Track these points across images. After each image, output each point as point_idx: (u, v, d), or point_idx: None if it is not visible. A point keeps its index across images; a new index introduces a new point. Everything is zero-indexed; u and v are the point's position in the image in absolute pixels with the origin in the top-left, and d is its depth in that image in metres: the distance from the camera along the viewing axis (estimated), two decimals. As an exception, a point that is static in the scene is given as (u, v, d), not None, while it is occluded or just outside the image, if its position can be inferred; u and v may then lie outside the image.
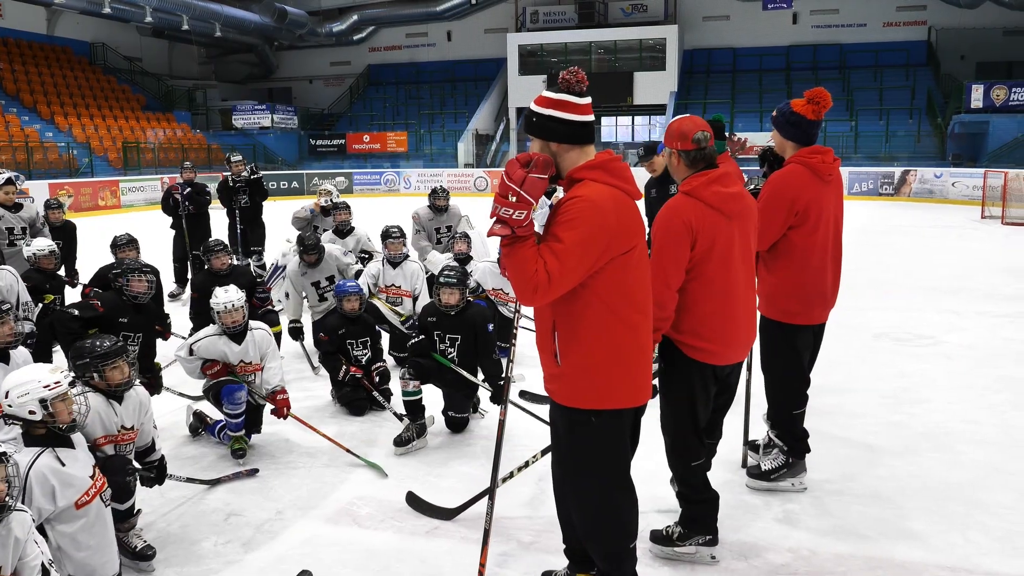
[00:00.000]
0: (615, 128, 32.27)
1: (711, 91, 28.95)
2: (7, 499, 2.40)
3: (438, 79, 32.51)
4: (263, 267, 8.81)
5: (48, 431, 2.83)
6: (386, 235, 6.18)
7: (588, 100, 2.42)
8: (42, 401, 2.76)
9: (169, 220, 8.82)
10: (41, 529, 2.75)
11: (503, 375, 4.50)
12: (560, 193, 7.46)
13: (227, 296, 4.37)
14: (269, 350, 4.53)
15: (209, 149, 27.51)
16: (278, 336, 5.81)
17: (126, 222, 15.51)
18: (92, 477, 2.89)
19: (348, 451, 4.35)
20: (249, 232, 8.61)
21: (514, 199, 2.33)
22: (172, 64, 32.82)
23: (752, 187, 3.90)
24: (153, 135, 26.46)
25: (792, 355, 3.71)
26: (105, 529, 2.94)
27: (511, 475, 3.61)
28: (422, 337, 4.64)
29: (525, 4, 31.01)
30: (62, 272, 6.56)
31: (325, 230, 8.21)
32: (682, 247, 2.86)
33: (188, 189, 8.62)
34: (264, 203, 8.83)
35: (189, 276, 8.46)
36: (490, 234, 2.40)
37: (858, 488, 3.92)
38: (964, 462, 4.20)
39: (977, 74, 25.66)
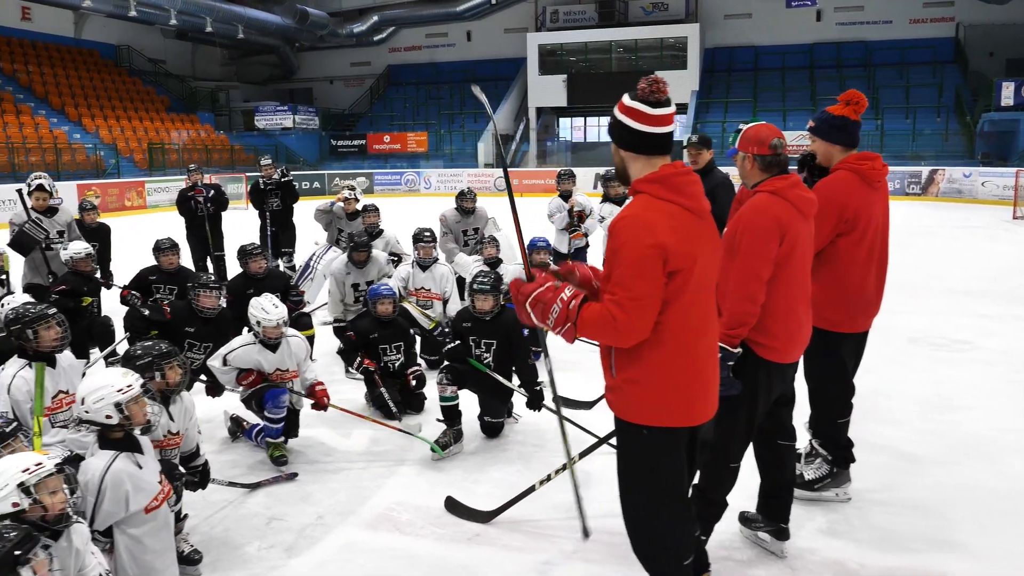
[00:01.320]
0: (636, 127, 32.12)
1: (733, 90, 28.78)
2: (68, 509, 2.42)
3: (458, 79, 32.50)
4: (293, 268, 8.86)
5: (125, 434, 2.85)
6: (418, 238, 6.20)
7: (665, 111, 2.36)
8: (117, 405, 2.80)
9: (180, 223, 8.80)
10: (108, 532, 2.78)
11: (538, 380, 4.55)
12: (578, 197, 7.46)
13: (276, 313, 4.38)
14: (304, 356, 4.56)
15: (232, 150, 27.75)
16: (310, 339, 5.87)
17: (152, 222, 15.72)
18: (160, 483, 2.93)
19: (401, 430, 4.46)
20: (280, 234, 8.66)
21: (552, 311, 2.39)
22: (195, 66, 33.14)
23: None
24: (177, 136, 26.75)
25: (836, 364, 3.68)
26: (168, 534, 2.99)
27: (548, 478, 3.60)
28: (458, 342, 4.64)
29: (545, 3, 30.97)
30: (99, 274, 6.63)
31: (350, 233, 8.25)
32: (773, 242, 2.92)
33: (212, 191, 8.68)
34: (295, 205, 8.87)
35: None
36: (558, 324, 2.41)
37: (901, 498, 3.87)
38: (1008, 472, 4.14)
39: (1007, 71, 25.28)
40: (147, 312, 4.78)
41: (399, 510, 3.81)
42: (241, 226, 10.63)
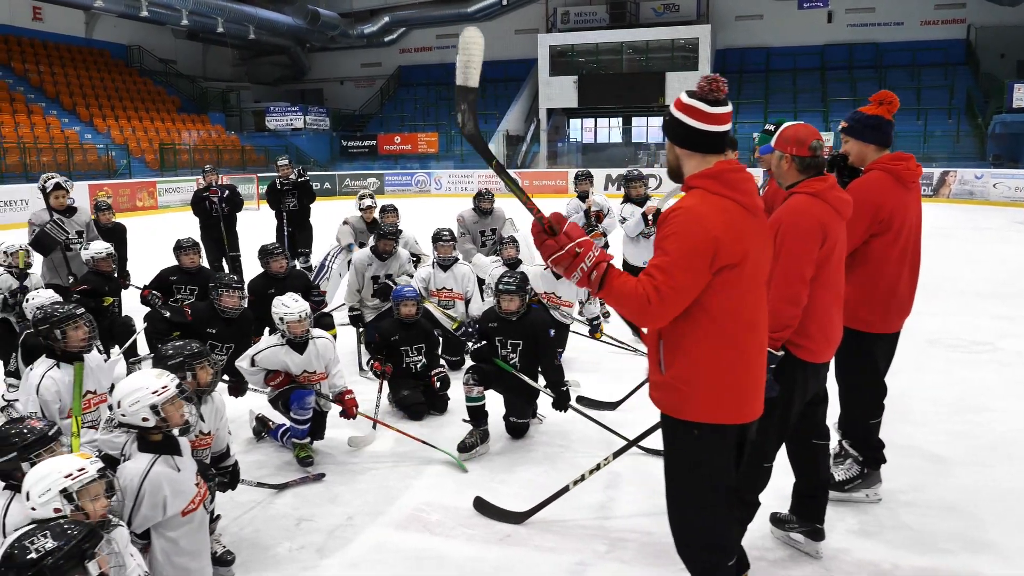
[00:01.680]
0: (646, 128, 32.08)
1: (744, 91, 28.73)
2: (108, 516, 2.43)
3: (465, 80, 32.52)
4: (310, 269, 8.86)
5: (164, 436, 2.86)
6: (437, 238, 6.21)
7: (723, 109, 2.37)
8: (153, 407, 2.80)
9: (195, 222, 8.80)
10: (145, 533, 2.79)
11: (565, 380, 4.55)
12: (595, 197, 7.42)
13: (298, 306, 4.39)
14: (332, 358, 4.56)
15: (243, 150, 27.84)
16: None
17: (164, 223, 15.78)
18: (197, 485, 2.93)
19: (427, 443, 4.42)
20: (297, 234, 8.67)
21: (576, 249, 2.32)
22: (206, 66, 33.29)
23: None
24: (188, 136, 26.83)
25: (869, 364, 3.67)
26: (204, 535, 2.99)
27: (582, 478, 3.59)
28: (484, 343, 4.64)
29: (556, 4, 30.98)
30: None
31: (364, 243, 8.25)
32: (815, 244, 2.93)
33: (227, 192, 8.69)
34: (312, 206, 8.88)
35: None
36: (581, 284, 2.36)
37: (931, 499, 3.86)
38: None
39: (1018, 73, 25.19)
40: (168, 314, 4.79)
41: (428, 510, 3.81)
42: (257, 226, 10.68)
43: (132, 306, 6.54)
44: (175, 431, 2.89)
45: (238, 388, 4.64)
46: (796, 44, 28.88)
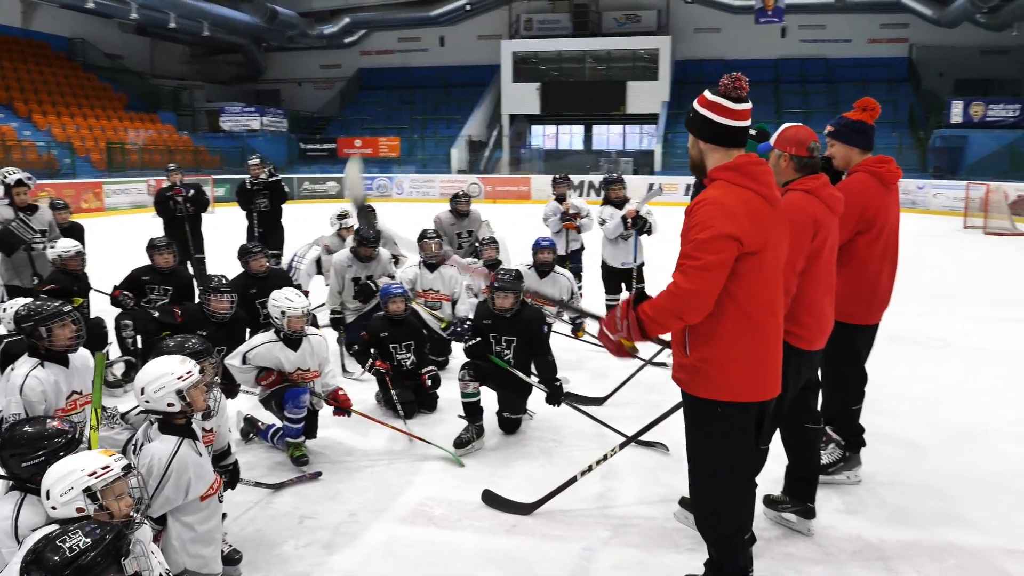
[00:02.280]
0: (607, 136, 32.44)
1: (702, 102, 29.19)
2: (133, 514, 2.39)
3: (431, 84, 32.52)
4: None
5: (187, 421, 2.84)
6: (422, 236, 6.25)
7: (745, 106, 2.53)
8: (179, 392, 2.78)
9: (148, 224, 8.64)
10: (161, 519, 2.77)
11: (558, 376, 4.63)
12: (573, 200, 7.54)
13: (301, 301, 4.39)
14: (325, 356, 4.55)
15: (196, 151, 27.25)
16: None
17: (112, 225, 15.34)
18: (214, 472, 2.92)
19: (423, 440, 4.47)
20: (268, 236, 8.55)
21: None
22: (154, 63, 32.27)
23: None
24: (137, 136, 26.05)
25: (853, 354, 3.87)
26: (218, 524, 2.99)
27: (590, 468, 3.66)
28: (478, 339, 4.69)
29: (519, 11, 31.14)
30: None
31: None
32: (806, 237, 3.08)
33: (192, 191, 8.56)
34: (284, 206, 8.79)
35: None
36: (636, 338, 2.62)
37: (908, 481, 4.08)
38: (1000, 456, 4.40)
39: (955, 91, 26.24)
40: (157, 314, 4.72)
41: (431, 505, 3.85)
42: (222, 228, 10.55)
43: (101, 307, 6.38)
44: (198, 416, 2.89)
45: (230, 390, 4.58)
46: (752, 57, 29.48)
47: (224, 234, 10.33)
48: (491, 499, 3.80)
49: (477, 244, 7.81)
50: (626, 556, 3.35)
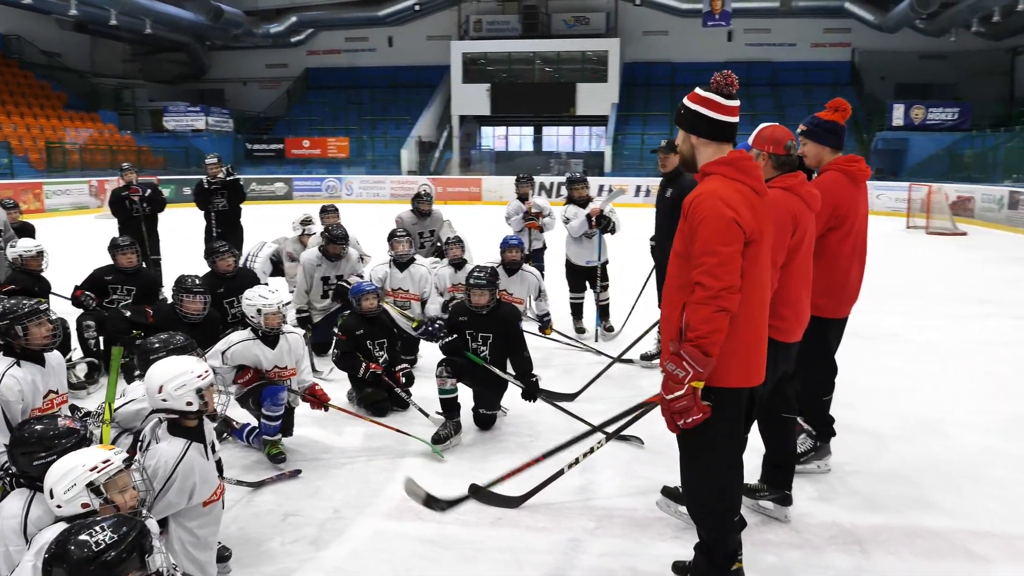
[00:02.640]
0: (557, 138, 32.65)
1: (651, 104, 29.66)
2: (138, 507, 2.37)
3: (379, 84, 32.33)
4: (240, 270, 8.66)
5: (200, 423, 2.80)
6: (392, 235, 6.24)
7: (735, 103, 2.63)
8: (199, 391, 2.74)
9: (92, 225, 8.46)
10: (161, 524, 2.73)
11: (533, 372, 4.68)
12: (535, 199, 7.60)
13: (275, 297, 4.35)
14: (302, 353, 4.53)
15: (140, 152, 26.59)
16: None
17: (52, 227, 14.84)
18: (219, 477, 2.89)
19: (405, 433, 4.48)
20: (226, 236, 8.41)
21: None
22: (94, 61, 31.38)
23: None
24: (77, 135, 25.35)
25: (823, 346, 3.98)
26: (217, 529, 2.96)
27: (576, 461, 3.67)
28: (455, 336, 4.71)
29: (469, 12, 31.16)
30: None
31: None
32: (787, 233, 3.18)
33: (149, 191, 8.40)
34: (242, 206, 8.68)
35: None
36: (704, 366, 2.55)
37: (875, 469, 4.23)
38: (959, 444, 4.59)
39: (896, 94, 27.12)
40: (128, 314, 4.64)
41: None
42: (179, 228, 10.36)
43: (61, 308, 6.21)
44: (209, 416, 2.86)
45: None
46: (699, 60, 29.99)
47: (180, 235, 10.16)
48: (478, 493, 3.82)
49: (439, 244, 7.83)
50: (612, 545, 3.41)
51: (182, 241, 9.62)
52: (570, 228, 7.03)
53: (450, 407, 4.58)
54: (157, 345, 3.29)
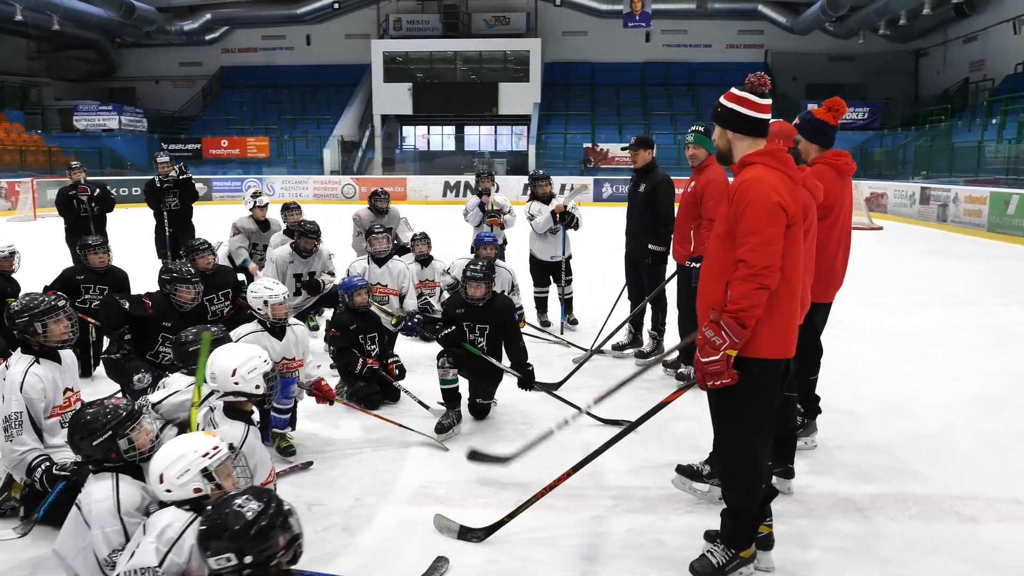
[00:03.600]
0: (479, 137, 32.78)
1: (572, 103, 30.15)
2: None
3: (297, 83, 31.80)
4: (193, 271, 8.47)
5: (261, 403, 2.84)
6: (370, 231, 6.26)
7: (768, 102, 2.84)
8: (266, 375, 2.77)
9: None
10: None
11: (528, 361, 4.82)
12: (496, 197, 7.69)
13: (280, 288, 4.35)
14: (308, 345, 4.54)
15: (50, 152, 25.41)
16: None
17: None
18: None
19: (408, 428, 4.53)
20: (178, 235, 8.25)
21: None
22: (-5, 58, 29.94)
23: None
24: (-22, 135, 24.10)
25: (811, 329, 4.22)
26: None
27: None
28: (453, 328, 4.79)
29: (388, 11, 30.96)
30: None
31: (265, 245, 8.04)
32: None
33: (97, 190, 8.17)
34: (194, 205, 8.50)
35: None
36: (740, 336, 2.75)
37: (856, 444, 4.53)
38: (928, 420, 4.95)
39: (807, 94, 28.33)
40: (127, 305, 4.55)
41: (432, 486, 3.93)
42: (128, 228, 10.05)
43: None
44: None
45: None
46: (618, 60, 30.72)
47: (132, 234, 9.86)
48: (475, 456, 3.92)
49: (396, 241, 7.86)
50: (636, 520, 3.57)
51: (128, 242, 9.32)
52: (535, 224, 7.18)
53: (451, 397, 4.67)
54: (191, 337, 3.29)
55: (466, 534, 3.41)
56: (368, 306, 5.29)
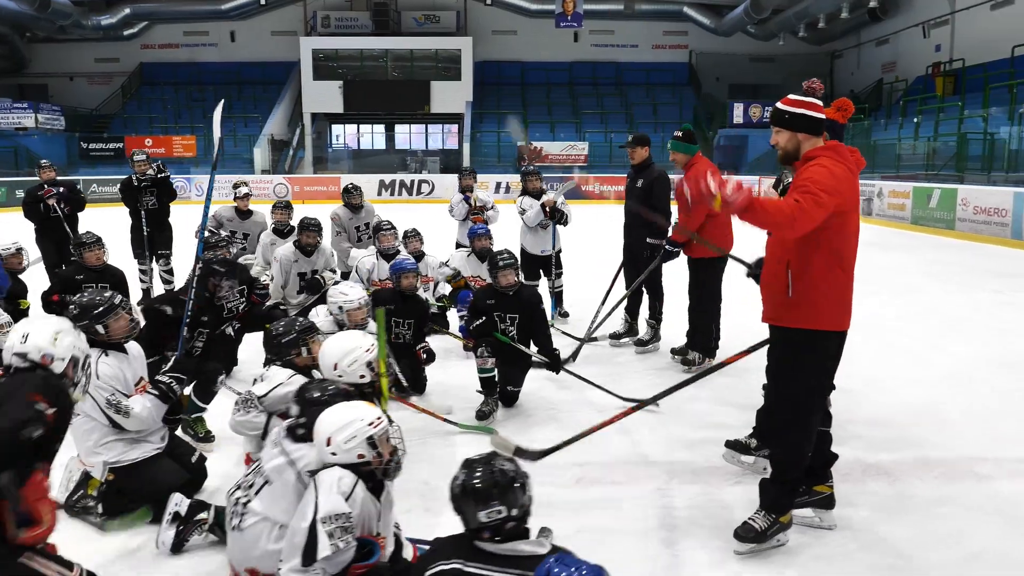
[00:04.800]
0: (409, 136, 32.67)
1: (503, 102, 30.41)
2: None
3: (222, 81, 30.97)
4: (170, 272, 8.35)
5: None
6: (378, 228, 6.34)
7: (821, 103, 3.17)
8: (368, 364, 2.86)
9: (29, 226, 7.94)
10: None
11: (555, 348, 5.04)
12: (480, 194, 7.87)
13: (355, 293, 4.45)
14: None
15: (-41, 152, 24.14)
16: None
17: None
18: None
19: (451, 422, 4.68)
20: (156, 235, 8.10)
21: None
22: None
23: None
24: None
25: None
26: None
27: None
28: (484, 318, 4.95)
29: (315, 7, 30.53)
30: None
31: (246, 234, 8.02)
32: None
33: (62, 188, 7.95)
34: (172, 204, 8.36)
35: None
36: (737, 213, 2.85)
37: (861, 419, 4.86)
38: (910, 398, 5.32)
39: (730, 94, 29.45)
40: (168, 309, 4.52)
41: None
42: (110, 226, 9.75)
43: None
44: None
45: None
46: (548, 60, 31.13)
47: (115, 232, 9.54)
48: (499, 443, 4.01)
49: (371, 237, 7.95)
50: (694, 491, 3.82)
51: (114, 238, 9.05)
52: (526, 218, 7.37)
53: (489, 385, 4.83)
54: (283, 328, 3.37)
55: (522, 453, 3.55)
56: (415, 290, 5.39)
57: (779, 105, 3.21)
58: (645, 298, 6.53)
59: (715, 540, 3.38)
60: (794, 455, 3.30)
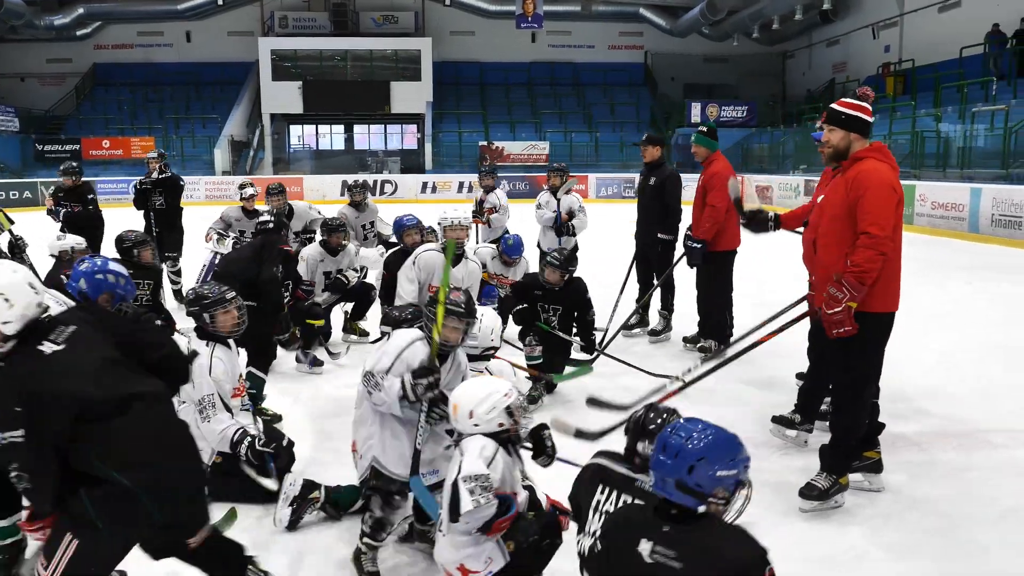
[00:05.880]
0: (368, 136, 32.61)
1: (463, 103, 30.59)
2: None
3: (179, 81, 30.55)
4: (178, 273, 8.41)
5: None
6: (401, 225, 6.53)
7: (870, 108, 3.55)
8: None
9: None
10: None
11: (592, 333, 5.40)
12: (492, 196, 8.15)
13: (462, 214, 4.82)
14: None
15: (-93, 155, 23.37)
16: (322, 331, 5.99)
17: None
18: None
19: (551, 377, 5.04)
20: (165, 235, 8.17)
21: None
22: None
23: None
24: None
25: None
26: None
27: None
28: (525, 306, 5.25)
29: (273, 7, 30.30)
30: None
31: (253, 233, 8.11)
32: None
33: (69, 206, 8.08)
34: (181, 205, 8.43)
35: None
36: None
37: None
38: (909, 381, 5.55)
39: (684, 94, 30.17)
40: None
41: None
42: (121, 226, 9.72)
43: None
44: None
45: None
46: (506, 60, 31.41)
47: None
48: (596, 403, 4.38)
49: (380, 234, 8.14)
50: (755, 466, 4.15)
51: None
52: (536, 215, 7.65)
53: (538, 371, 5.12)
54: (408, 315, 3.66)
55: (580, 434, 3.82)
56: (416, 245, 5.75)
57: (835, 106, 3.57)
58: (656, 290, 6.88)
59: (778, 504, 3.72)
60: (854, 422, 3.69)
